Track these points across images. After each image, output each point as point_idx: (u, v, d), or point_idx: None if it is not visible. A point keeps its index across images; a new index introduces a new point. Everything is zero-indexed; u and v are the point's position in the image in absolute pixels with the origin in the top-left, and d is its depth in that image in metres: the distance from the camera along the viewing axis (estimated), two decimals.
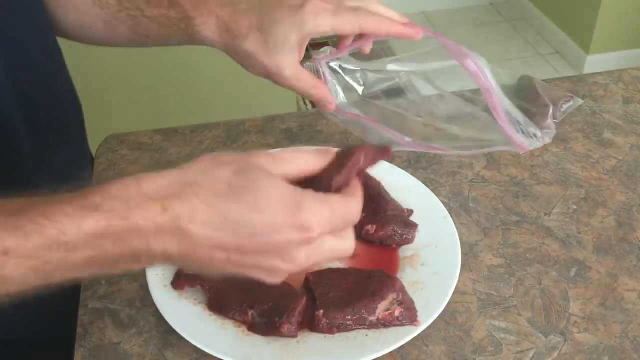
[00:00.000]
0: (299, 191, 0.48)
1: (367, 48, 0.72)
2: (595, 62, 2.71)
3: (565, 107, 0.90)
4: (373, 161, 0.54)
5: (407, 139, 0.73)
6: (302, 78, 0.69)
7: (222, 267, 0.48)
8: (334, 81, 0.73)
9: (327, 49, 0.73)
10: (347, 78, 0.74)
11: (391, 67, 0.74)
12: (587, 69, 2.73)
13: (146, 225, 0.45)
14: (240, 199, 0.46)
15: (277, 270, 0.49)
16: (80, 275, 0.47)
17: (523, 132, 0.72)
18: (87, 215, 0.44)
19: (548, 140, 0.73)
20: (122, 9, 0.74)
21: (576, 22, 2.79)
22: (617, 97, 0.98)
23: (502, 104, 0.70)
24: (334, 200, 0.49)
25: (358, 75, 0.74)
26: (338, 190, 0.51)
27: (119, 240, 0.45)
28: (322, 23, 0.66)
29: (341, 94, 0.73)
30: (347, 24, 0.66)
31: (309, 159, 0.51)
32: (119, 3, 0.74)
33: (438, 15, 3.16)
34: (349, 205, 0.50)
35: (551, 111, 0.80)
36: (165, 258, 0.47)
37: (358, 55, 0.73)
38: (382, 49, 0.72)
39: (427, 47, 0.70)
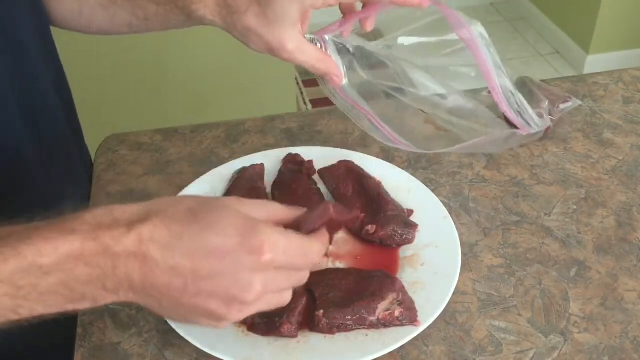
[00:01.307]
0: (255, 220, 0.49)
1: (369, 23, 0.68)
2: (595, 62, 2.71)
3: (563, 106, 0.90)
4: (343, 219, 0.55)
5: (404, 141, 0.71)
6: (306, 51, 0.66)
7: (179, 299, 0.48)
8: (338, 60, 0.69)
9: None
10: (351, 56, 0.70)
11: (402, 40, 0.70)
12: (587, 69, 2.73)
13: (114, 244, 0.46)
14: (198, 221, 0.48)
15: (234, 299, 0.48)
16: (48, 307, 0.47)
17: (521, 116, 0.72)
18: (64, 238, 0.46)
19: (543, 127, 0.73)
20: None
21: (576, 22, 2.79)
22: (617, 97, 0.98)
23: (500, 80, 0.69)
24: (293, 234, 0.50)
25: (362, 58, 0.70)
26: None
27: (89, 262, 0.46)
28: None
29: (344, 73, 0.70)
30: None
31: (276, 208, 0.52)
32: None
33: None
34: (309, 242, 0.51)
35: (546, 104, 0.81)
36: (129, 285, 0.48)
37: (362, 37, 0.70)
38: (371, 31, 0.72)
39: (423, 19, 0.67)
